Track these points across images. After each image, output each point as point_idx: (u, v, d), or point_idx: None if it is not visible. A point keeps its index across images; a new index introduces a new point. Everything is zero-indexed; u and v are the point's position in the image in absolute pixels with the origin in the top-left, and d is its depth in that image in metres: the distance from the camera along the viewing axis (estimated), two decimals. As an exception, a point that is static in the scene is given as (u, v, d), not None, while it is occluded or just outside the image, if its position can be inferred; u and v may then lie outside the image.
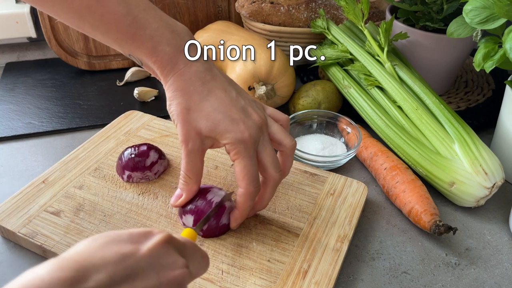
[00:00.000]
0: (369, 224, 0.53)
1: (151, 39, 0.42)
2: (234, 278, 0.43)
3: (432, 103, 0.59)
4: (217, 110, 0.43)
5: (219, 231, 0.47)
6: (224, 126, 0.42)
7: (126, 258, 0.27)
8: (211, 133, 0.43)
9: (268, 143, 0.44)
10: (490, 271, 0.48)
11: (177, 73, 0.43)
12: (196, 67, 0.43)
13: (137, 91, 0.74)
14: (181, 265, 0.30)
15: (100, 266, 0.26)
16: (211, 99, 0.43)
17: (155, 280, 0.28)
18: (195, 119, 0.42)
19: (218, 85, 0.44)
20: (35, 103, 0.74)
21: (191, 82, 0.43)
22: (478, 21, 0.51)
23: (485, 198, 0.52)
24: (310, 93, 0.67)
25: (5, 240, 0.49)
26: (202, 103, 0.43)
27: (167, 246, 0.30)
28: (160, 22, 0.43)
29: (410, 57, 0.72)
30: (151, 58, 0.43)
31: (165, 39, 0.43)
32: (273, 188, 0.46)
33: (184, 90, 0.43)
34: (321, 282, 0.43)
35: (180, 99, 0.43)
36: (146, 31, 0.42)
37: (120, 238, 0.29)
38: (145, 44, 0.43)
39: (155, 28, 0.43)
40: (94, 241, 0.28)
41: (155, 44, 0.42)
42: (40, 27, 0.79)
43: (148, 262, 0.28)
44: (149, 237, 0.30)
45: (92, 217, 0.49)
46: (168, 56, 0.43)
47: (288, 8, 0.76)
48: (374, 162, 0.58)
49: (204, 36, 0.77)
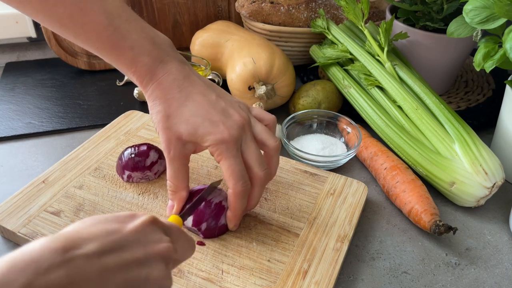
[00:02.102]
0: (369, 224, 0.53)
1: (131, 50, 0.43)
2: (234, 278, 0.43)
3: (432, 103, 0.59)
4: (196, 114, 0.43)
5: (218, 231, 0.47)
6: (204, 129, 0.43)
7: (113, 233, 0.29)
8: (191, 137, 0.43)
9: (252, 142, 0.45)
10: (490, 271, 0.48)
11: (156, 82, 0.44)
12: (174, 76, 0.44)
13: (137, 91, 0.74)
14: (166, 241, 0.32)
15: (90, 238, 0.28)
16: (190, 104, 0.43)
17: (142, 252, 0.29)
18: (175, 125, 0.43)
19: (196, 91, 0.44)
20: (35, 103, 0.74)
21: (169, 90, 0.44)
22: (478, 21, 0.51)
23: (485, 198, 0.52)
24: (310, 93, 0.67)
25: (5, 240, 0.49)
26: (180, 109, 0.43)
27: (152, 226, 0.32)
28: (141, 34, 0.44)
29: (410, 57, 0.72)
30: (130, 68, 0.44)
31: (145, 50, 0.43)
32: (261, 187, 0.46)
33: (163, 99, 0.44)
34: (321, 282, 0.43)
35: (159, 107, 0.44)
36: (126, 42, 0.43)
37: (106, 219, 0.30)
38: (125, 55, 0.43)
39: (136, 39, 0.43)
40: (82, 222, 0.30)
41: (135, 55, 0.43)
42: (40, 27, 0.79)
43: (134, 238, 0.30)
44: (134, 218, 0.31)
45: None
46: (146, 67, 0.44)
47: (288, 8, 0.76)
48: (374, 162, 0.58)
49: (204, 36, 0.77)
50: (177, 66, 0.45)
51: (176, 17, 0.83)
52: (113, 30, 0.42)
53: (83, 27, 0.42)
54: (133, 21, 0.44)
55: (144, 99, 0.74)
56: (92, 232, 0.28)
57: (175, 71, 0.44)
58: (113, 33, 0.42)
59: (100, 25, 0.42)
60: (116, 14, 0.43)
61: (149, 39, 0.44)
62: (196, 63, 0.74)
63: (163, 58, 0.44)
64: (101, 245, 0.27)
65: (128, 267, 0.28)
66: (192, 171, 0.56)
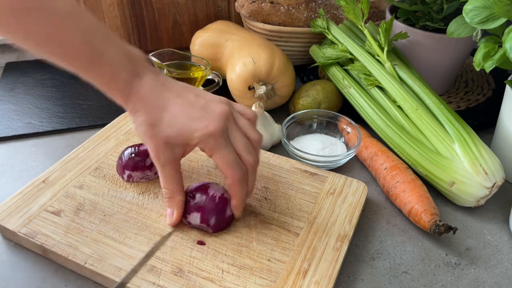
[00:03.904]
0: (369, 223, 0.53)
1: (110, 66, 0.43)
2: (234, 277, 0.43)
3: (432, 103, 0.59)
4: (178, 116, 0.44)
5: (225, 223, 0.48)
6: (189, 127, 0.43)
7: None
8: (178, 139, 0.44)
9: (237, 131, 0.45)
10: (490, 271, 0.48)
11: (135, 96, 0.44)
12: (150, 86, 0.44)
13: (137, 91, 0.74)
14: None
15: None
16: (170, 108, 0.44)
17: None
18: (160, 132, 0.44)
19: (174, 95, 0.45)
20: (35, 103, 0.74)
21: (149, 100, 0.44)
22: (478, 21, 0.51)
23: (485, 198, 0.52)
24: (310, 93, 0.68)
25: (6, 240, 0.49)
26: (162, 115, 0.44)
27: None
28: (118, 50, 0.44)
29: (410, 57, 0.72)
30: (110, 85, 0.44)
31: (122, 66, 0.44)
32: (253, 173, 0.47)
33: (143, 109, 0.44)
34: (321, 281, 0.43)
35: (141, 118, 0.44)
36: (104, 59, 0.43)
37: None
38: (104, 72, 0.43)
39: (113, 55, 0.43)
40: None
41: (114, 71, 0.43)
42: (40, 27, 0.79)
43: None
44: None
45: (93, 216, 0.49)
46: (125, 82, 0.44)
47: (288, 8, 0.76)
48: (374, 162, 0.58)
49: (204, 36, 0.77)
50: (153, 77, 0.45)
51: (176, 17, 0.83)
52: (90, 47, 0.42)
53: (59, 46, 0.42)
54: (109, 38, 0.44)
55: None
56: None
57: (151, 81, 0.45)
58: (91, 50, 0.42)
59: (76, 44, 0.41)
60: (91, 32, 0.42)
61: (125, 54, 0.44)
62: (196, 63, 0.74)
63: (139, 72, 0.45)
64: None
65: None
66: (192, 171, 0.56)
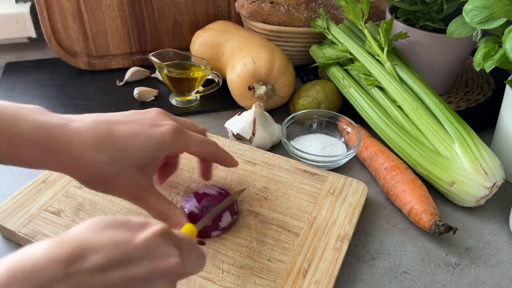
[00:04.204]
0: (369, 224, 0.53)
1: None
2: (234, 277, 0.43)
3: (432, 103, 0.59)
4: (132, 136, 0.40)
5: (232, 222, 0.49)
6: (149, 140, 0.40)
7: (121, 244, 0.28)
8: (146, 155, 0.40)
9: (188, 132, 0.44)
10: (490, 271, 0.48)
11: (84, 166, 0.38)
12: (90, 128, 0.39)
13: (137, 91, 0.74)
14: (176, 255, 0.30)
15: (96, 249, 0.27)
16: (120, 136, 0.40)
17: (148, 268, 0.28)
18: (124, 162, 0.39)
19: (118, 126, 0.41)
20: (35, 103, 0.73)
21: (94, 144, 0.39)
22: (478, 21, 0.51)
23: (485, 198, 0.52)
24: (310, 93, 0.68)
25: (6, 240, 0.49)
26: (117, 146, 0.39)
27: (163, 238, 0.30)
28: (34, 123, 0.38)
29: (410, 57, 0.72)
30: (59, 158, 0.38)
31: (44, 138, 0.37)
32: (223, 151, 0.48)
33: (95, 155, 0.38)
34: (321, 281, 0.43)
35: (101, 165, 0.39)
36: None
37: (117, 224, 0.29)
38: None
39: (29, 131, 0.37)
40: (91, 224, 0.29)
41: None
42: (40, 27, 0.79)
43: (143, 251, 0.29)
44: (145, 227, 0.30)
45: (93, 216, 0.49)
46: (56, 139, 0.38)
47: (288, 8, 0.76)
48: (374, 162, 0.58)
49: (204, 36, 0.77)
50: (88, 121, 0.40)
51: (176, 17, 0.83)
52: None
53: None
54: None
55: (144, 99, 0.74)
56: (100, 241, 0.27)
57: (86, 125, 0.39)
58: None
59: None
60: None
61: (42, 126, 0.38)
62: (196, 63, 0.74)
63: (70, 124, 0.39)
64: (107, 258, 0.27)
65: (131, 284, 0.27)
66: (192, 171, 0.56)
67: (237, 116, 0.65)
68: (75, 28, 0.79)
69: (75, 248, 0.26)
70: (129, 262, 0.28)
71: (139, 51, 0.84)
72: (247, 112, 0.64)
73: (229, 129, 0.64)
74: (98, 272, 0.26)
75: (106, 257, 0.27)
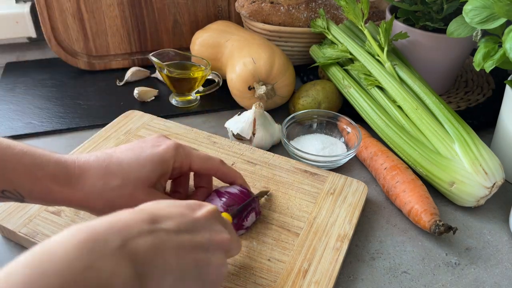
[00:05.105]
0: (369, 223, 0.53)
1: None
2: (234, 277, 0.43)
3: (432, 103, 0.59)
4: (135, 156, 0.42)
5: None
6: (153, 157, 0.43)
7: (186, 216, 0.34)
8: (153, 170, 0.42)
9: (190, 148, 0.46)
10: (490, 270, 0.48)
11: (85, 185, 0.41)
12: (96, 160, 0.42)
13: (137, 91, 0.74)
14: (226, 233, 0.36)
15: (168, 217, 0.33)
16: (124, 160, 0.42)
17: (208, 238, 0.34)
18: (131, 182, 0.41)
19: (117, 153, 0.43)
20: (35, 103, 0.74)
21: (100, 172, 0.41)
22: (478, 21, 0.51)
23: (485, 197, 0.52)
24: (310, 93, 0.68)
25: (6, 240, 0.49)
26: (123, 168, 0.41)
27: (215, 217, 0.37)
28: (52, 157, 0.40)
29: (410, 57, 0.72)
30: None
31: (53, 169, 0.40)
32: (228, 168, 0.48)
33: (103, 184, 0.41)
34: (321, 281, 0.43)
35: (111, 191, 0.41)
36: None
37: (178, 204, 0.35)
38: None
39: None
40: (158, 203, 0.35)
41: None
42: (40, 27, 0.79)
43: (203, 223, 0.35)
44: (201, 207, 0.36)
45: (93, 216, 0.49)
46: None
47: (288, 8, 0.76)
48: (374, 162, 0.58)
49: (204, 36, 0.77)
50: (93, 154, 0.42)
51: (176, 17, 0.83)
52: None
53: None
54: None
55: (145, 99, 0.74)
56: (170, 212, 0.33)
57: (93, 157, 0.42)
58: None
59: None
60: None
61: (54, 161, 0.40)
62: (196, 63, 0.74)
63: (79, 158, 0.41)
64: (177, 224, 0.32)
65: (197, 248, 0.33)
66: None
67: (237, 116, 0.65)
68: (75, 28, 0.79)
69: (152, 215, 0.32)
70: (193, 231, 0.33)
71: (139, 51, 0.84)
72: (247, 112, 0.64)
73: (229, 129, 0.64)
74: (172, 233, 0.31)
75: (176, 223, 0.32)
